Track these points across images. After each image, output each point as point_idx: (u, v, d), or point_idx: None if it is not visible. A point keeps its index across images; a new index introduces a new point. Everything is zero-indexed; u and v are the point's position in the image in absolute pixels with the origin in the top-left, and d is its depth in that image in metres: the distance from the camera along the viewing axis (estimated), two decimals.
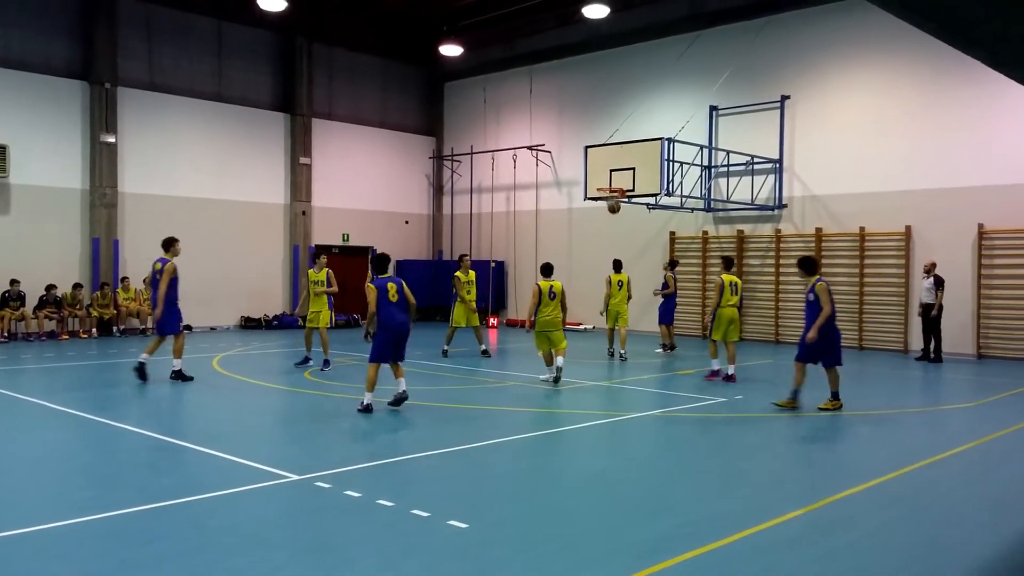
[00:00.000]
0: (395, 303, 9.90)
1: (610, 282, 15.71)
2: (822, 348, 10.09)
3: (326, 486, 6.55)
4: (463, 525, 5.60)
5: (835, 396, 10.28)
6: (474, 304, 15.85)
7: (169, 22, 21.12)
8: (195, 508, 6.01)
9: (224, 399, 11.18)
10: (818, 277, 10.19)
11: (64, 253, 19.44)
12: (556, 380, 12.01)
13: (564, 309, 12.22)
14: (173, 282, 11.83)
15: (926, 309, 15.77)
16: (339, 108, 24.71)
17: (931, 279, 15.66)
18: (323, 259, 13.89)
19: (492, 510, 6.06)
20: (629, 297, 15.92)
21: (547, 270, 12.51)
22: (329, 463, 7.29)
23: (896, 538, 5.56)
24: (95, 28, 19.69)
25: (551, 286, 12.10)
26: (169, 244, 12.14)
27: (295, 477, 6.82)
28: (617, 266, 16.01)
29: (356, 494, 6.31)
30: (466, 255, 17.20)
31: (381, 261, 10.34)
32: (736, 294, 12.70)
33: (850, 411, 10.37)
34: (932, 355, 15.76)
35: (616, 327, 15.68)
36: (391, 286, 9.92)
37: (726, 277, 12.71)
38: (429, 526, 5.62)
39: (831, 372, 10.26)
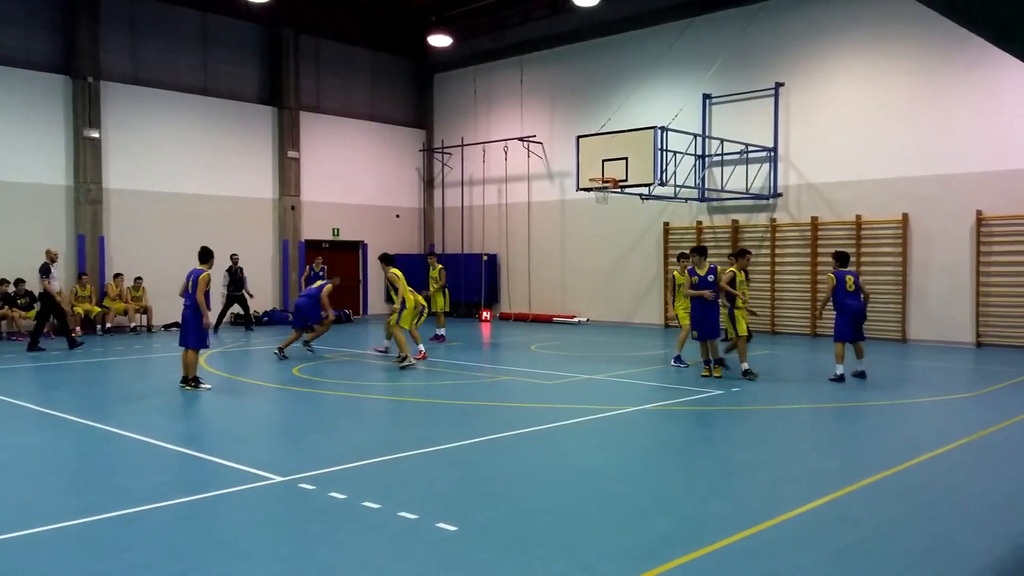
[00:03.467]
0: None
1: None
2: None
3: (310, 487, 6.30)
4: (452, 528, 5.37)
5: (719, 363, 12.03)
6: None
7: (152, 14, 20.75)
8: (172, 513, 5.76)
9: (209, 397, 10.89)
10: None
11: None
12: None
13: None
14: None
15: None
16: (327, 101, 24.37)
17: None
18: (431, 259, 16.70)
19: (482, 512, 5.82)
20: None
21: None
22: (315, 463, 7.04)
23: (905, 536, 5.33)
24: (76, 21, 19.29)
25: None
26: None
27: (278, 479, 6.57)
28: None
29: (341, 496, 6.07)
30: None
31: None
32: None
33: (850, 403, 10.15)
34: None
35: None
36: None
37: None
38: (416, 529, 5.38)
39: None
